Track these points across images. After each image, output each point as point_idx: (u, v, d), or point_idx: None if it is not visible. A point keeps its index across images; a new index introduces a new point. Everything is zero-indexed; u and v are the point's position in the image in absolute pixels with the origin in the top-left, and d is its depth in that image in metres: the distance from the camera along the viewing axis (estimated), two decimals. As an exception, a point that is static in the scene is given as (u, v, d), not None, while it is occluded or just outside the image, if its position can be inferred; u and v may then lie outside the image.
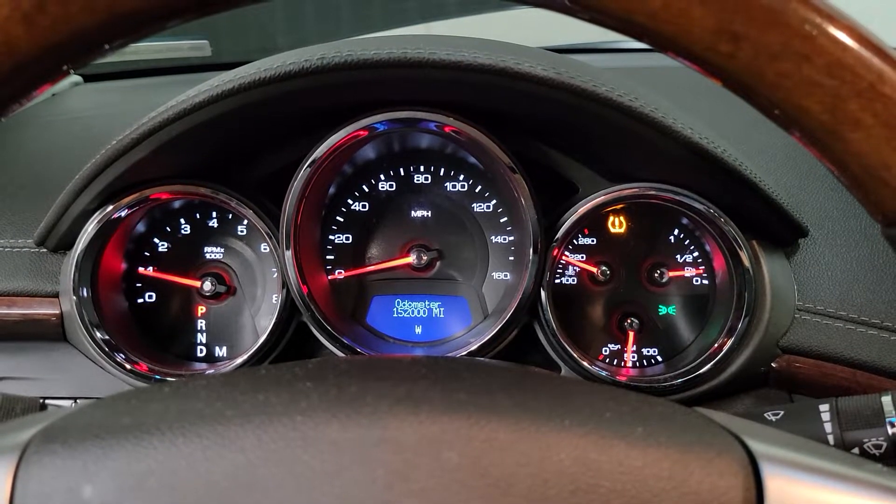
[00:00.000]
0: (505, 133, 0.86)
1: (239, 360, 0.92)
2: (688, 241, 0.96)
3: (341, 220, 0.98)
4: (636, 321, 0.95)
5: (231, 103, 0.76)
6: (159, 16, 0.37)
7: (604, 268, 0.95)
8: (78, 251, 0.88)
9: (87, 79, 1.43)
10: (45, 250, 0.93)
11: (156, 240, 0.98)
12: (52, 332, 0.93)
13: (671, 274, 0.95)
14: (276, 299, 0.96)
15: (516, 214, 0.92)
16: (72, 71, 0.38)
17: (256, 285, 0.99)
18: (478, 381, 0.44)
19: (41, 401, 0.67)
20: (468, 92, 0.80)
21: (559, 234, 0.90)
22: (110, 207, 0.87)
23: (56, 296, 0.92)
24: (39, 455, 0.37)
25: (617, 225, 0.96)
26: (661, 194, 0.87)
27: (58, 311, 0.91)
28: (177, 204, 0.97)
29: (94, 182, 0.83)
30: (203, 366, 0.98)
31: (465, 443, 0.37)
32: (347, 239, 0.98)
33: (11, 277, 0.92)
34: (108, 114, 1.22)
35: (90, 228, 0.88)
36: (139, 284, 0.98)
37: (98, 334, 0.89)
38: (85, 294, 0.89)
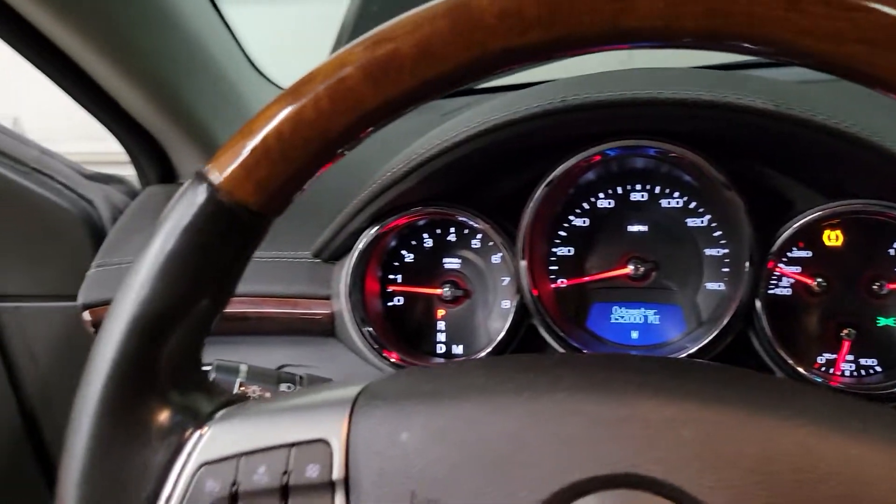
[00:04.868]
0: (721, 155, 0.93)
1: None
2: (908, 254, 0.96)
3: (564, 234, 1.08)
4: (853, 331, 0.96)
5: (483, 141, 0.90)
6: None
7: (820, 280, 0.97)
8: (352, 262, 1.05)
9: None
10: (318, 261, 1.11)
11: (403, 252, 1.14)
12: (323, 329, 1.10)
13: (891, 286, 0.96)
14: (504, 304, 1.08)
15: (731, 229, 0.97)
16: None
17: (488, 292, 1.12)
18: (705, 376, 0.51)
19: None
20: (689, 122, 0.88)
21: (775, 248, 0.94)
22: (377, 227, 1.04)
23: (328, 298, 1.09)
24: (368, 407, 0.48)
25: (833, 238, 0.98)
26: (881, 211, 0.90)
27: (329, 311, 1.09)
28: (421, 221, 1.13)
29: (368, 206, 1.00)
30: (443, 362, 1.12)
31: (697, 423, 0.44)
32: (570, 251, 1.07)
33: (294, 283, 1.10)
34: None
35: (361, 244, 1.05)
36: (390, 290, 1.15)
37: (366, 329, 1.06)
38: (356, 297, 1.06)
